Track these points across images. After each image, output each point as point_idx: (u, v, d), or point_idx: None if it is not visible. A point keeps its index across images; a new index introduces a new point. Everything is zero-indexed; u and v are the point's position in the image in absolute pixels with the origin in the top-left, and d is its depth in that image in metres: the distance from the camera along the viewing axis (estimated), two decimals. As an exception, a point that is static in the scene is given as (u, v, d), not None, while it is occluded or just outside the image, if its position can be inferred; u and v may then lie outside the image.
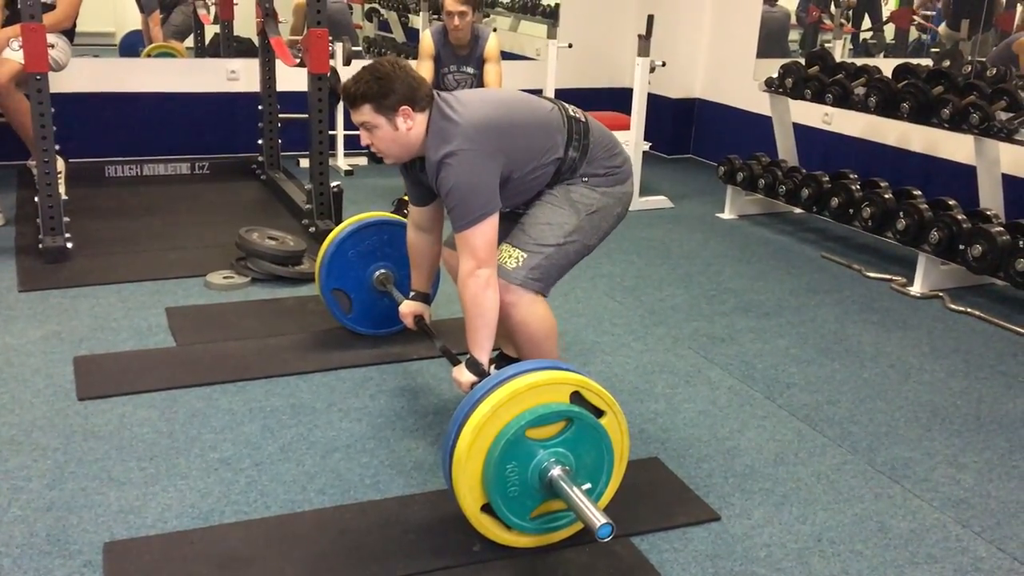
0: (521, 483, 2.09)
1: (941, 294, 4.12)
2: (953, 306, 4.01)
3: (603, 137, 2.67)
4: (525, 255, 2.54)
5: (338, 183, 4.60)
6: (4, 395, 2.86)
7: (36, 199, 4.06)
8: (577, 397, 2.13)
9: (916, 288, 4.18)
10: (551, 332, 2.62)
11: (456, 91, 2.64)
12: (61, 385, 2.94)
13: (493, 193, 2.45)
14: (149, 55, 6.40)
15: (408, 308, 2.92)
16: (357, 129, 2.54)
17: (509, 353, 2.93)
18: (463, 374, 2.49)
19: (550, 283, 2.61)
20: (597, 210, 2.62)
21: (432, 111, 2.48)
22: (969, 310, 3.96)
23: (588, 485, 2.13)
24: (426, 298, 2.95)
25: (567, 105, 2.67)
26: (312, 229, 4.48)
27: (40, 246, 4.01)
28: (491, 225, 2.43)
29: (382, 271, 3.24)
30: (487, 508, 2.12)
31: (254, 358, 3.18)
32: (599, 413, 2.16)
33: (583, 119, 2.65)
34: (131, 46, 6.72)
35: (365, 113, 2.45)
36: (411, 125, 2.46)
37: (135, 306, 3.60)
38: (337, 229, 3.26)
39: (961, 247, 3.97)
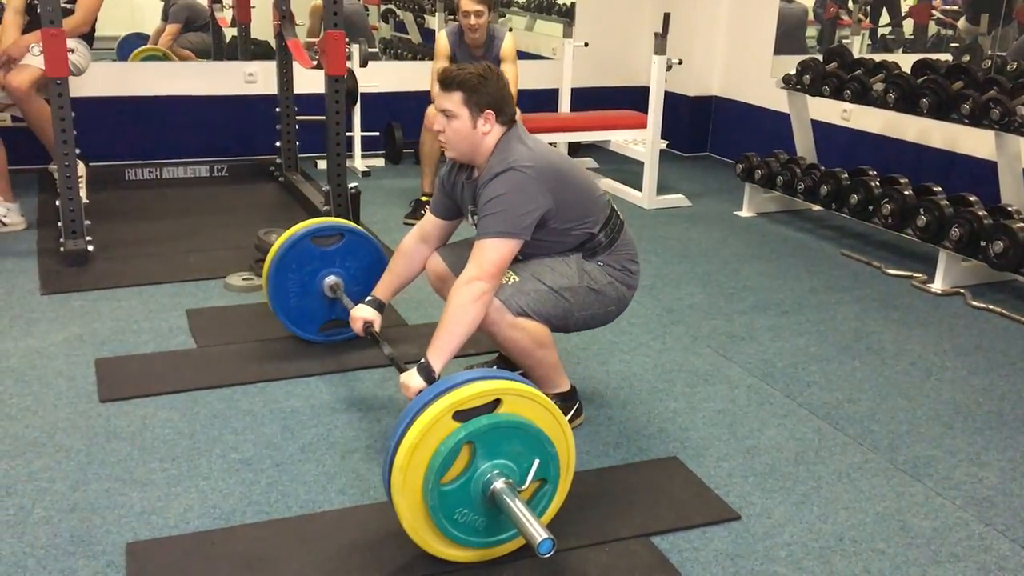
0: (482, 514, 2.06)
1: (962, 291, 4.09)
2: (974, 303, 3.98)
3: (631, 244, 2.76)
4: (518, 279, 2.58)
5: (355, 184, 4.61)
6: (27, 397, 2.89)
7: (57, 203, 4.10)
8: (461, 415, 2.01)
9: (937, 285, 4.15)
10: (541, 343, 2.60)
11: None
12: (83, 387, 2.96)
13: (531, 220, 2.49)
14: (136, 57, 6.36)
15: (359, 313, 2.85)
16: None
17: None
18: (412, 379, 2.41)
19: (535, 314, 2.57)
20: (597, 290, 2.66)
21: (509, 131, 2.56)
22: (991, 307, 3.93)
23: (537, 461, 2.06)
24: (381, 307, 2.88)
25: (614, 204, 2.76)
26: (330, 230, 4.50)
27: (61, 249, 4.05)
28: (512, 248, 2.47)
29: (331, 279, 3.17)
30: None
31: (274, 359, 3.20)
32: (495, 404, 2.04)
33: (622, 220, 2.74)
34: (128, 48, 6.61)
35: (454, 100, 2.51)
36: (488, 131, 2.53)
37: (156, 308, 3.62)
38: (262, 281, 3.21)
39: (982, 243, 3.93)
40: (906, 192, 4.37)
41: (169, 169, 5.58)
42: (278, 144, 5.51)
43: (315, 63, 4.64)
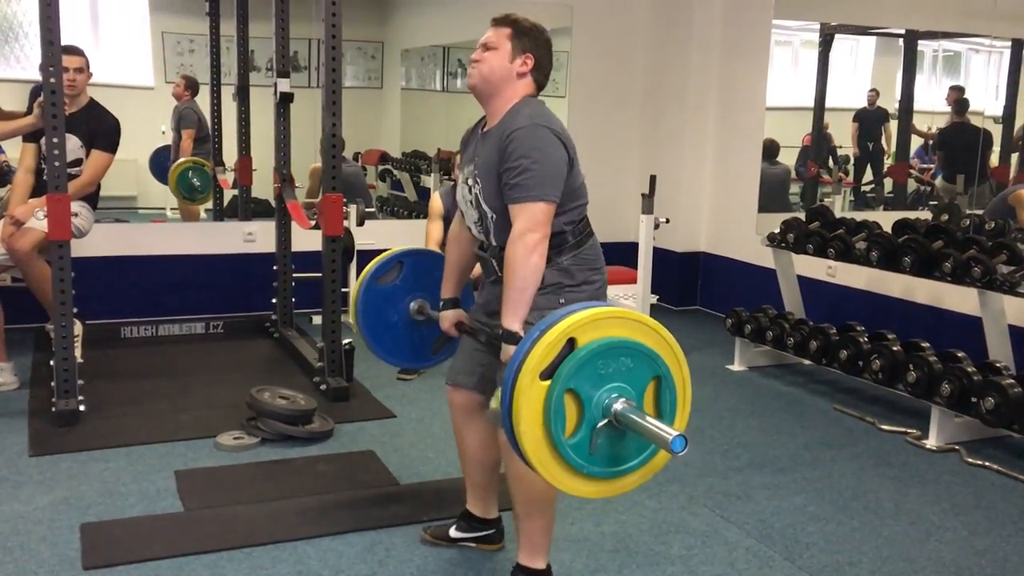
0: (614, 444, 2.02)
1: (957, 447, 4.07)
2: (970, 460, 3.95)
3: (594, 251, 2.73)
4: None
5: (349, 340, 4.65)
6: (8, 565, 2.82)
7: (52, 362, 4.11)
8: (547, 372, 2.00)
9: (932, 441, 4.13)
10: (550, 493, 2.53)
11: None
12: (66, 554, 2.89)
13: (561, 183, 2.46)
14: (179, 168, 6.47)
15: (447, 319, 2.85)
16: None
17: (474, 511, 2.93)
18: (506, 352, 2.41)
19: None
20: (578, 283, 2.65)
21: (536, 97, 2.59)
22: (987, 463, 3.90)
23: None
24: (458, 303, 2.87)
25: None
26: (323, 387, 4.50)
27: (53, 409, 4.03)
28: (551, 213, 2.44)
29: (414, 304, 3.11)
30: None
31: (262, 522, 3.14)
32: (571, 345, 2.03)
33: (590, 229, 2.74)
34: (159, 163, 6.82)
35: (502, 34, 2.55)
36: (522, 71, 2.54)
37: (144, 469, 3.58)
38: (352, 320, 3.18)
39: (974, 399, 3.94)
40: (895, 348, 4.40)
41: (165, 326, 5.63)
42: (274, 301, 5.59)
43: (313, 224, 4.77)
